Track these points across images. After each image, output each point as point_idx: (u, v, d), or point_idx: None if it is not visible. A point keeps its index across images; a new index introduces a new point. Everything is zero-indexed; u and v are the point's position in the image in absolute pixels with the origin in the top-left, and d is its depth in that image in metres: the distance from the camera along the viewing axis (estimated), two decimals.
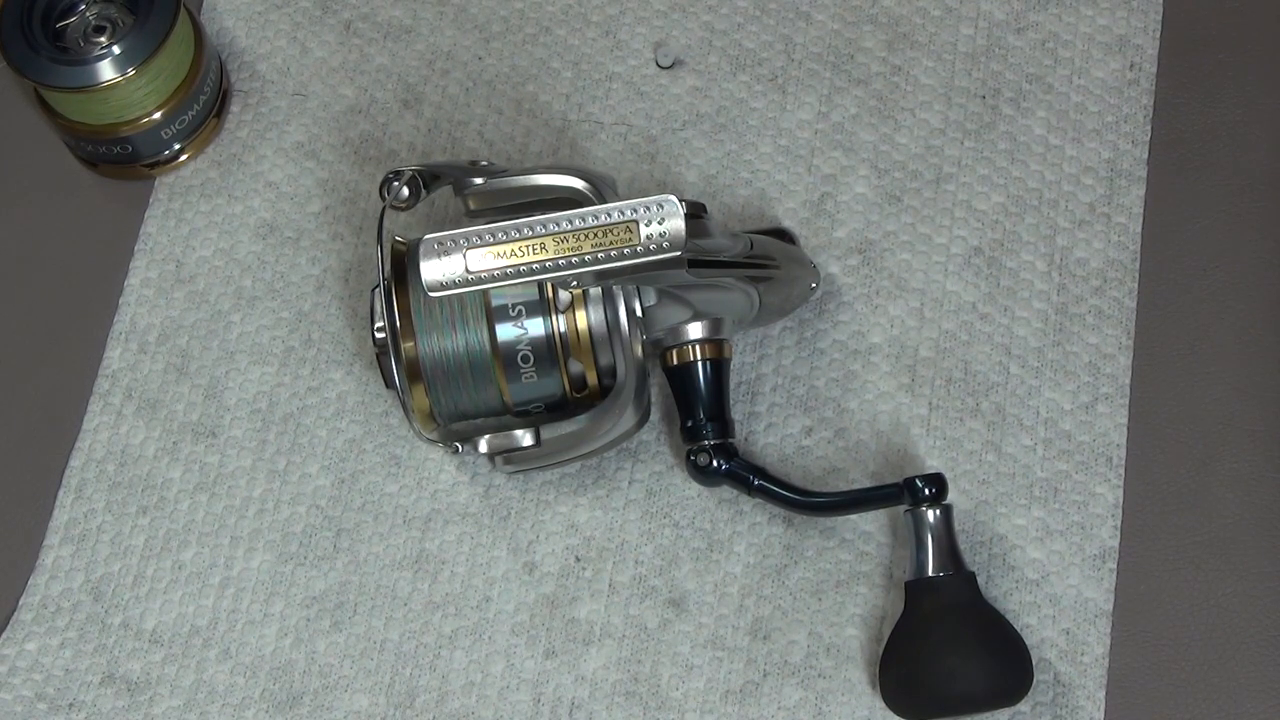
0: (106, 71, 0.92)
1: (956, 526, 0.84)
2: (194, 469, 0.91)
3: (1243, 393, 0.90)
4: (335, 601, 0.89)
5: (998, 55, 0.97)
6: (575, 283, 0.80)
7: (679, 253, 0.79)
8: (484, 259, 0.79)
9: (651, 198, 0.79)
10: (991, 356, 0.91)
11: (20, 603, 0.90)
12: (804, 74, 0.97)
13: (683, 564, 0.88)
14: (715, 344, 0.86)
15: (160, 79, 0.94)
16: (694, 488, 0.89)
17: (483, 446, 0.86)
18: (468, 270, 0.79)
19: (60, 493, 0.91)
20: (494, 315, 0.84)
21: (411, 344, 0.84)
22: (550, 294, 0.84)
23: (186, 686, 0.88)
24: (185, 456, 0.92)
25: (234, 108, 0.99)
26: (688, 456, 0.86)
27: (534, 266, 0.79)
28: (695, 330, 0.86)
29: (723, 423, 0.86)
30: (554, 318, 0.84)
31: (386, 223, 0.92)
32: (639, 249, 0.79)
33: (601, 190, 0.85)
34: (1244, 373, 0.90)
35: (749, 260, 0.86)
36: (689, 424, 0.86)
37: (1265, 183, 0.94)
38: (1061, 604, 0.87)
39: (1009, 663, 0.82)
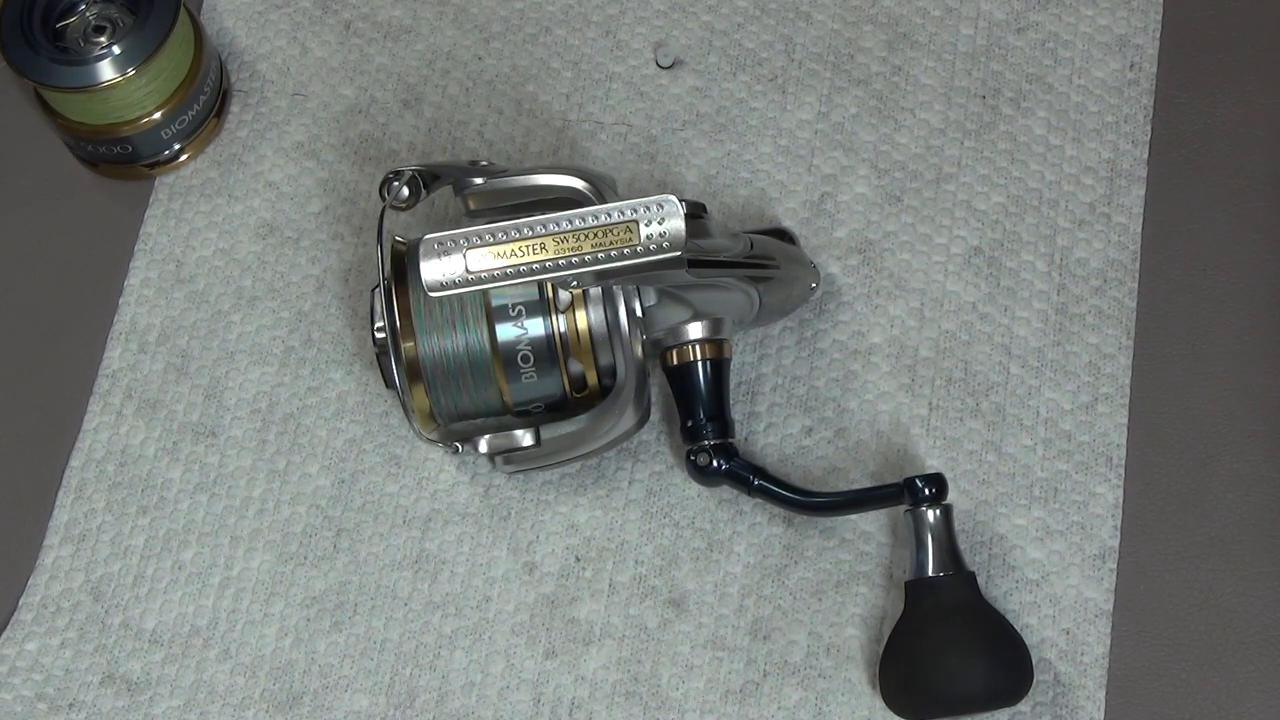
0: (106, 71, 0.92)
1: (956, 526, 0.84)
2: (194, 469, 0.91)
3: (1243, 393, 0.90)
4: (335, 601, 0.89)
5: (998, 55, 0.97)
6: (575, 283, 0.80)
7: (679, 253, 0.79)
8: (484, 259, 0.79)
9: (651, 198, 0.79)
10: (991, 356, 0.91)
11: (20, 603, 0.90)
12: (804, 74, 0.97)
13: (683, 564, 0.88)
14: (715, 344, 0.86)
15: (160, 79, 0.94)
16: (694, 488, 0.89)
17: (483, 446, 0.86)
18: (468, 270, 0.79)
19: (60, 493, 0.91)
20: (494, 315, 0.84)
21: (411, 344, 0.84)
22: (550, 294, 0.84)
23: (186, 686, 0.88)
24: (185, 456, 0.92)
25: (234, 108, 0.99)
26: (688, 456, 0.86)
27: (534, 266, 0.79)
28: (695, 330, 0.86)
29: (723, 423, 0.86)
30: (554, 318, 0.84)
31: (386, 223, 0.92)
32: (639, 249, 0.79)
33: (601, 190, 0.85)
34: (1244, 373, 0.90)
35: (749, 260, 0.86)
36: (689, 424, 0.86)
37: (1265, 183, 0.94)
38: (1061, 604, 0.86)
39: (1009, 663, 0.82)
